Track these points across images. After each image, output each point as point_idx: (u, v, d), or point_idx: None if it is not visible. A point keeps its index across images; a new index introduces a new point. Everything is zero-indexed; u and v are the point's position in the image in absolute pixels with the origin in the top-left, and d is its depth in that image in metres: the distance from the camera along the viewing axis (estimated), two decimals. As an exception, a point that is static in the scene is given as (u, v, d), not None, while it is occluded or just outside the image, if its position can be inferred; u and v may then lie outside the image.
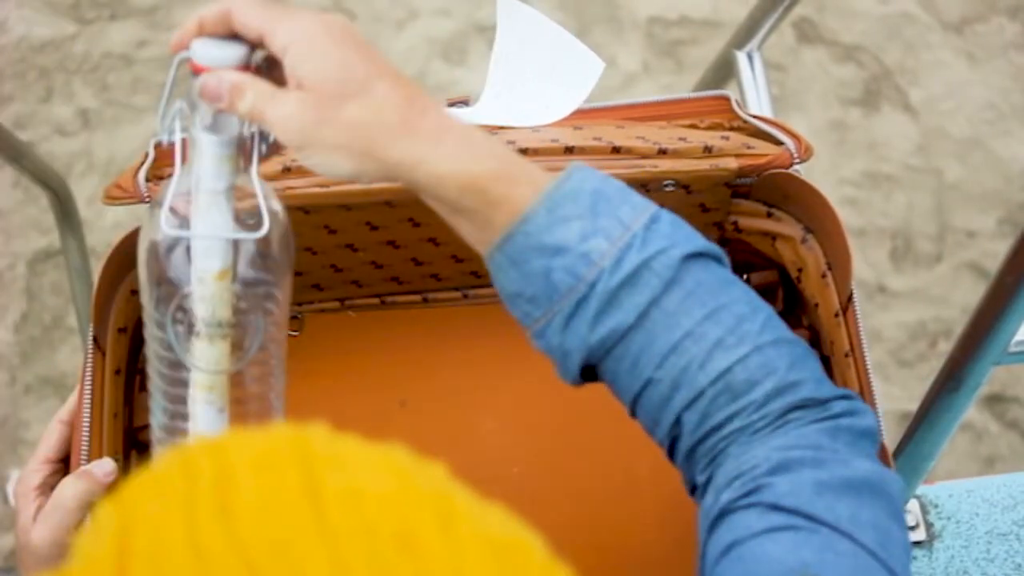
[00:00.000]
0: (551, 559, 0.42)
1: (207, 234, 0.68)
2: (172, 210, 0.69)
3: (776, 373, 0.67)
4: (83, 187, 2.01)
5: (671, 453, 0.71)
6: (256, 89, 0.66)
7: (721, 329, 0.67)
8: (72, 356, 1.92)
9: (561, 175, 0.69)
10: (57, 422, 0.84)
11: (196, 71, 0.68)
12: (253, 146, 0.69)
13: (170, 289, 0.70)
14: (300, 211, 0.87)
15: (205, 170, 0.68)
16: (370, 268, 0.96)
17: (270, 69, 0.69)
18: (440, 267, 0.97)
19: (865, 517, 0.63)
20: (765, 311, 0.70)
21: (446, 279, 1.00)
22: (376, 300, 1.01)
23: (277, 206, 0.70)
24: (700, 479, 0.69)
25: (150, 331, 0.71)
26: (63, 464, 0.83)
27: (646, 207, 0.69)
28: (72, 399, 0.85)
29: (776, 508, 0.63)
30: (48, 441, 0.84)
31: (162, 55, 2.17)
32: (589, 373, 0.72)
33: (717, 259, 0.70)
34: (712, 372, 0.67)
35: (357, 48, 0.67)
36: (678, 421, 0.69)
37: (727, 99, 0.96)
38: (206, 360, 0.70)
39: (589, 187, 0.69)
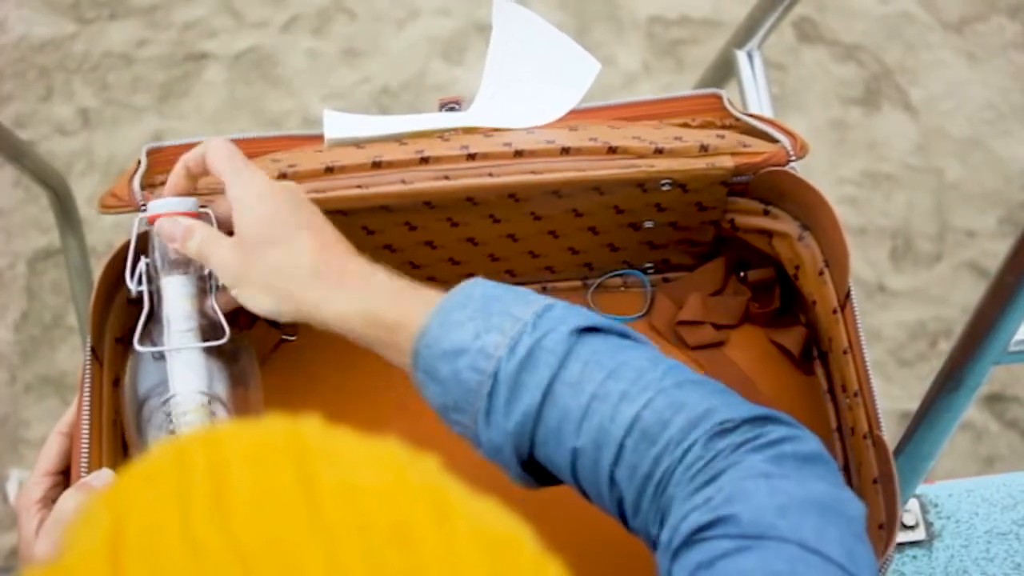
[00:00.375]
0: (543, 553, 0.42)
1: (180, 346, 0.80)
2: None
3: (685, 408, 0.68)
4: (83, 186, 2.02)
5: (624, 521, 0.72)
6: (203, 232, 0.79)
7: (623, 383, 0.69)
8: (72, 355, 1.92)
9: (454, 289, 0.75)
10: (56, 433, 0.84)
11: (152, 222, 0.82)
12: (210, 283, 0.82)
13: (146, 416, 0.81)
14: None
15: (173, 310, 0.81)
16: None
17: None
18: (436, 271, 0.97)
19: (831, 534, 0.63)
20: (666, 363, 0.71)
21: (442, 282, 0.99)
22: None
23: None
24: (654, 531, 0.69)
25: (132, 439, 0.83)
26: (64, 476, 0.83)
27: (540, 301, 0.73)
28: (71, 410, 0.84)
29: (742, 536, 0.63)
30: (48, 453, 0.83)
31: (162, 54, 2.17)
32: (540, 473, 0.74)
33: (619, 333, 0.73)
34: (623, 423, 0.68)
35: (289, 204, 0.78)
36: (613, 481, 0.70)
37: (719, 97, 0.96)
38: None
39: (479, 293, 0.74)
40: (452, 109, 0.94)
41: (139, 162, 0.91)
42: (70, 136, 2.10)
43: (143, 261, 0.82)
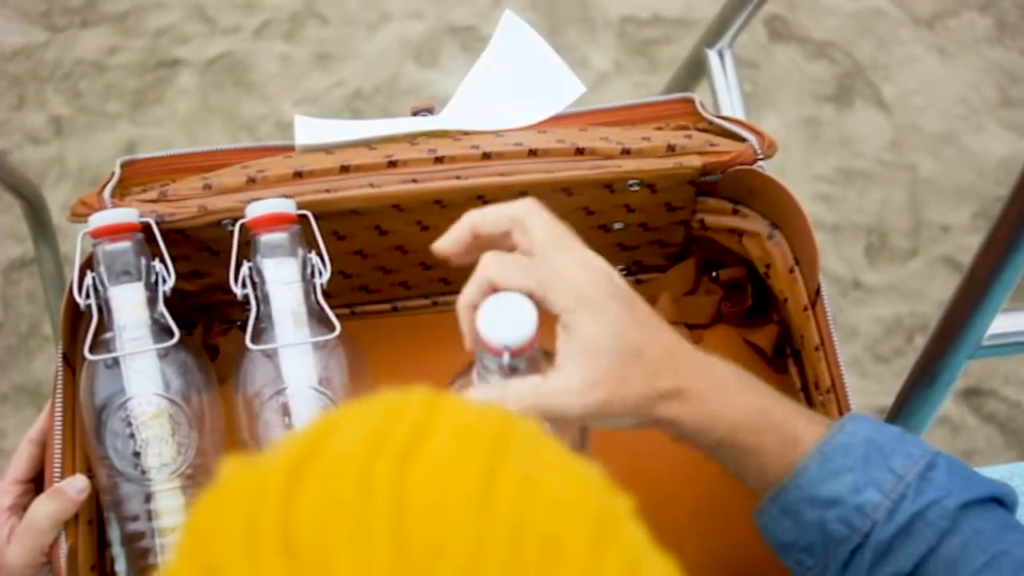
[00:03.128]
0: None
1: (132, 351, 0.81)
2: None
3: None
4: (56, 195, 2.01)
5: None
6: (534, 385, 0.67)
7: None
8: (49, 364, 1.91)
9: (834, 426, 0.70)
10: (27, 442, 0.83)
11: (93, 236, 0.83)
12: (160, 289, 0.83)
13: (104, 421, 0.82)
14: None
15: (124, 318, 0.82)
16: (338, 277, 0.96)
17: None
18: (408, 275, 0.97)
19: None
20: None
21: (414, 287, 0.99)
22: (347, 311, 1.00)
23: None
24: None
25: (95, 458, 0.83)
26: (33, 484, 0.83)
27: (921, 455, 0.69)
28: (41, 418, 0.84)
29: None
30: (18, 461, 0.83)
31: (134, 61, 2.16)
32: None
33: (1001, 502, 0.70)
34: None
35: (626, 306, 0.68)
36: None
37: (691, 101, 0.96)
38: (168, 504, 0.82)
39: (861, 437, 0.70)
40: (425, 116, 0.95)
41: (112, 173, 0.91)
42: (43, 145, 2.09)
43: (89, 275, 0.83)
